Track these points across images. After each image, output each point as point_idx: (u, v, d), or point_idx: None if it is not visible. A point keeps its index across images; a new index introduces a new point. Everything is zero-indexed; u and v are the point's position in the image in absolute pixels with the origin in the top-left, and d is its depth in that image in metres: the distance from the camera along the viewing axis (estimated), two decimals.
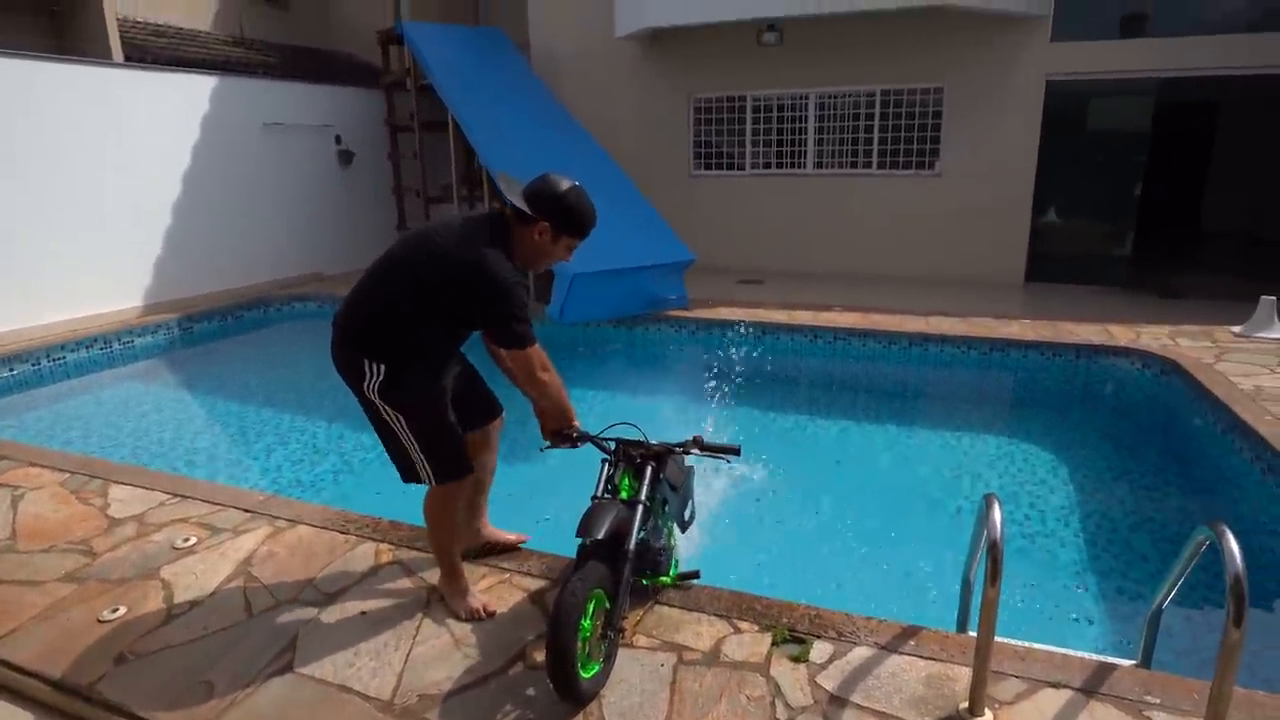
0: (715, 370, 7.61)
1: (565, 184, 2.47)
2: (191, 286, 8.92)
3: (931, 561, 3.72)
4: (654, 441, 2.77)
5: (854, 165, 9.68)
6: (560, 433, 2.71)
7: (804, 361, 7.21)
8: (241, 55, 11.19)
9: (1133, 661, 2.58)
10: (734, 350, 7.55)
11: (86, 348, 7.50)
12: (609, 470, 2.72)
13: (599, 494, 2.64)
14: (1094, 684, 2.39)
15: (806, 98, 9.72)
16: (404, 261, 2.47)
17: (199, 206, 8.91)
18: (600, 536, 2.34)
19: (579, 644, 2.20)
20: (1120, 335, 6.62)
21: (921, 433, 5.43)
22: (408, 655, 2.61)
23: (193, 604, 2.96)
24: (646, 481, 2.64)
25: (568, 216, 2.48)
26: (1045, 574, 3.64)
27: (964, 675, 2.39)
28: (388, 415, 2.55)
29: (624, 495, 2.63)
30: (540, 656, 2.39)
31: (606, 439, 2.76)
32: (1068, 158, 8.75)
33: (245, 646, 2.69)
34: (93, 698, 2.50)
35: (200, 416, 6.39)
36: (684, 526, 3.09)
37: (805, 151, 9.89)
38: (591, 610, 2.29)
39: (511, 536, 3.19)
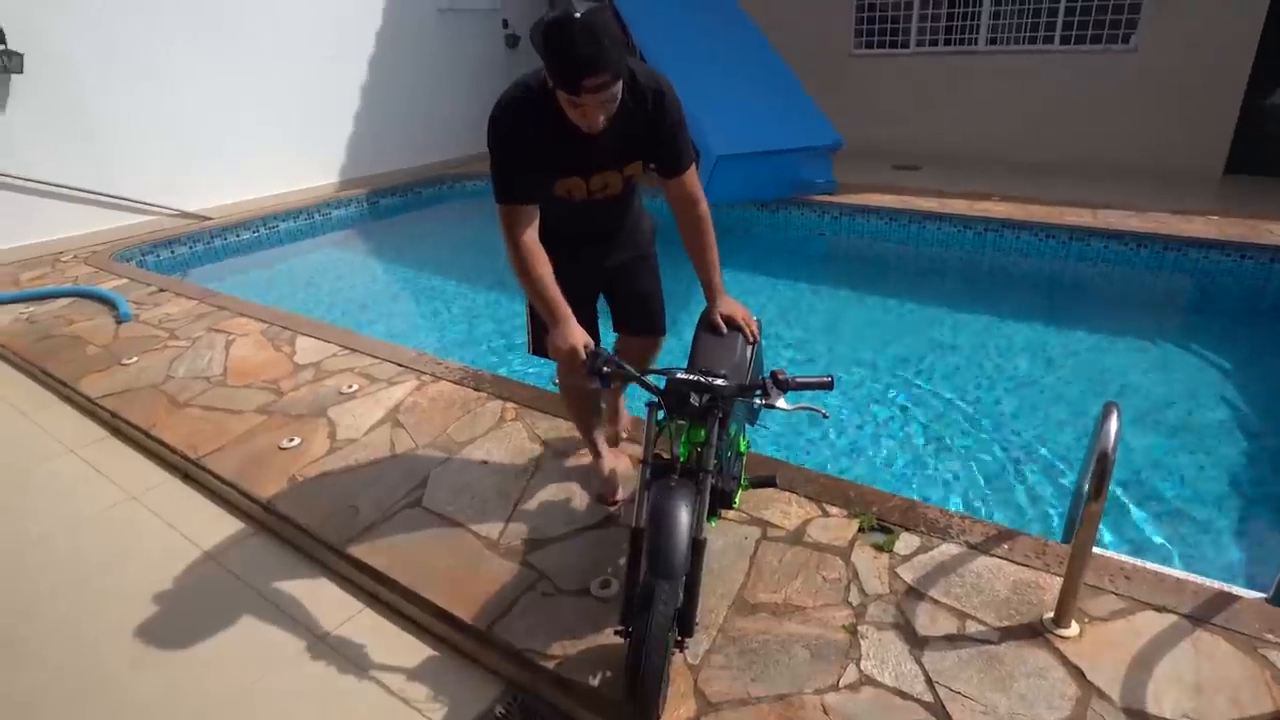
0: (856, 258, 7.16)
1: (565, 8, 1.67)
2: (378, 165, 9.39)
3: (1055, 473, 3.39)
4: (711, 378, 1.84)
5: (1033, 40, 8.38)
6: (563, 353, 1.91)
7: (951, 253, 6.58)
8: None
9: (1263, 595, 2.25)
10: (878, 238, 7.02)
11: (294, 218, 8.18)
12: (653, 422, 1.95)
13: (648, 459, 1.90)
14: (1207, 613, 2.11)
15: None
16: None
17: (383, 90, 9.25)
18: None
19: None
20: None
21: (1071, 336, 4.85)
22: (515, 504, 2.75)
23: (349, 441, 3.25)
24: (715, 435, 1.86)
25: (542, 53, 1.72)
26: (1190, 497, 3.22)
27: (1057, 585, 2.18)
28: None
29: (683, 456, 1.91)
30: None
31: (649, 373, 1.93)
32: None
33: (386, 481, 2.94)
34: (270, 508, 2.85)
35: (380, 281, 6.87)
36: (754, 420, 2.53)
37: (979, 25, 8.66)
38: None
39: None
